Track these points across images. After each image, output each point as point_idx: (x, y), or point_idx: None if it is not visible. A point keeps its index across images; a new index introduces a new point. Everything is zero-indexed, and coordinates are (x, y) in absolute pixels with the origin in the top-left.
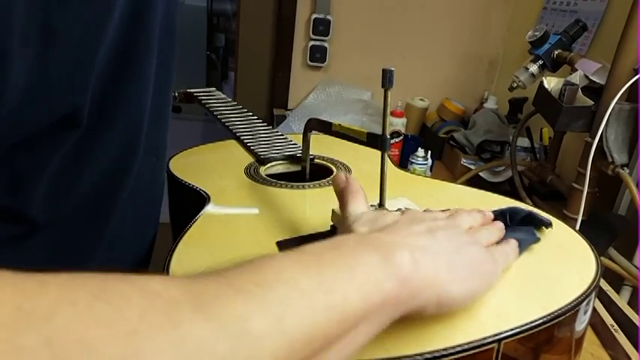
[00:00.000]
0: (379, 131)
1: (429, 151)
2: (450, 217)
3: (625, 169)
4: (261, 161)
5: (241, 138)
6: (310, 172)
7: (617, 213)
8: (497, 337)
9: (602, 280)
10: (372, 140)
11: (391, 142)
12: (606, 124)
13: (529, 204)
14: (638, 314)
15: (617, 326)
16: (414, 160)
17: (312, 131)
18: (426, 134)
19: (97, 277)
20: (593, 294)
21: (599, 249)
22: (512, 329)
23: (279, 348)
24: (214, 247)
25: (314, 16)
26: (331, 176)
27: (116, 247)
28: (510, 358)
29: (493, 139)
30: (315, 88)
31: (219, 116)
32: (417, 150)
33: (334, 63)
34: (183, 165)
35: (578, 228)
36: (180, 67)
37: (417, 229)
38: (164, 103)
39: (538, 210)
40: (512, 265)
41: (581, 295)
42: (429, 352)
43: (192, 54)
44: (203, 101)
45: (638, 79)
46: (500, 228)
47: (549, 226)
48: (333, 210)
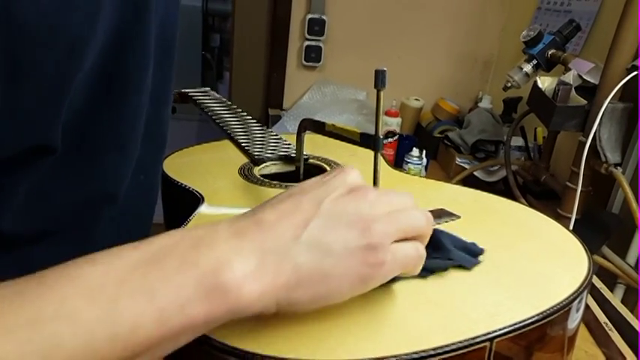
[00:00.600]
0: (374, 131)
1: (423, 151)
2: (374, 197)
3: (618, 168)
4: (256, 161)
5: (236, 138)
6: (304, 172)
7: (610, 211)
8: (489, 336)
9: (595, 279)
10: (365, 140)
11: (386, 141)
12: (599, 123)
13: (523, 203)
14: (638, 318)
15: (610, 324)
16: (408, 160)
17: (306, 131)
18: (421, 134)
19: None
20: (585, 292)
21: (592, 247)
22: (504, 328)
23: None
24: None
25: (309, 16)
26: None
27: None
28: (503, 356)
29: (487, 138)
30: (311, 88)
31: (213, 116)
32: (411, 149)
33: (329, 63)
34: (177, 165)
35: (572, 226)
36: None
37: (315, 224)
38: (158, 125)
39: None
40: (504, 264)
41: (573, 294)
42: (420, 352)
43: (187, 54)
44: (198, 101)
45: (631, 78)
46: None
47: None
48: None
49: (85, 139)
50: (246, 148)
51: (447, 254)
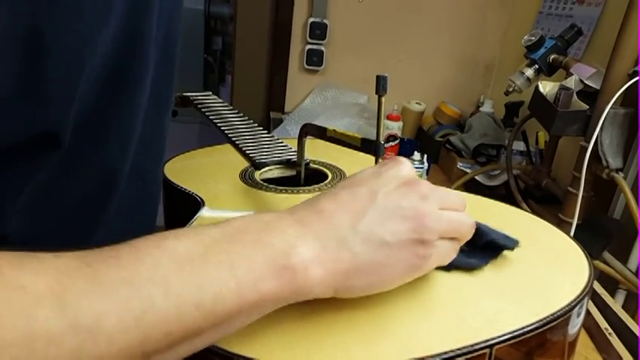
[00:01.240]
0: (375, 135)
1: (425, 155)
2: (435, 196)
3: (620, 173)
4: (257, 166)
5: (237, 142)
6: (305, 176)
7: (612, 217)
8: (489, 342)
9: (596, 284)
10: (367, 146)
11: (387, 145)
12: (601, 128)
13: (524, 207)
14: (638, 324)
15: (611, 330)
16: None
17: (307, 136)
18: (423, 138)
19: None
20: (586, 298)
21: (594, 252)
22: (503, 335)
23: (129, 344)
24: None
25: (311, 20)
26: (326, 181)
27: None
28: None
29: (489, 142)
30: (312, 91)
31: (215, 120)
32: (413, 153)
33: (331, 66)
34: (178, 169)
35: (573, 231)
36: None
37: (371, 215)
38: (157, 130)
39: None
40: (504, 271)
41: (574, 301)
42: (419, 359)
43: (189, 57)
44: (199, 105)
45: (633, 83)
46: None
47: (514, 248)
48: None
49: (88, 136)
50: (247, 152)
51: (487, 239)
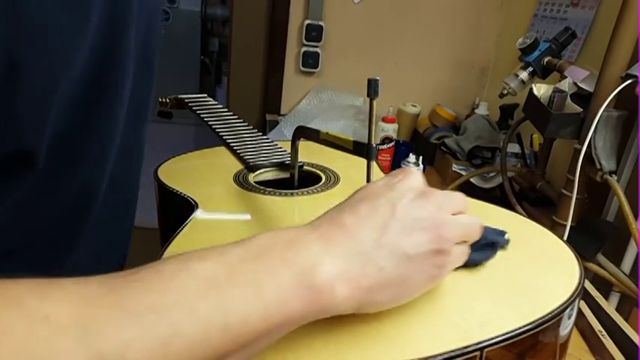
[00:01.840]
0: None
1: (420, 157)
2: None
3: (613, 175)
4: (251, 168)
5: (231, 145)
6: (299, 179)
7: (605, 219)
8: (480, 345)
9: (590, 286)
10: (359, 149)
11: (383, 147)
12: (595, 131)
13: (519, 209)
14: (638, 329)
15: (604, 332)
16: (405, 166)
17: (301, 139)
18: (418, 140)
19: None
20: (577, 300)
21: (587, 255)
22: (494, 337)
23: None
24: None
25: (307, 22)
26: (319, 184)
27: None
28: None
29: (484, 145)
30: (308, 93)
31: (209, 122)
32: (408, 155)
33: (327, 69)
34: (172, 172)
35: (567, 234)
36: (174, 71)
37: (393, 228)
38: (136, 140)
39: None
40: (496, 273)
41: (565, 303)
42: None
43: (186, 58)
44: (194, 108)
45: (626, 86)
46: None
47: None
48: None
49: (65, 154)
50: (242, 154)
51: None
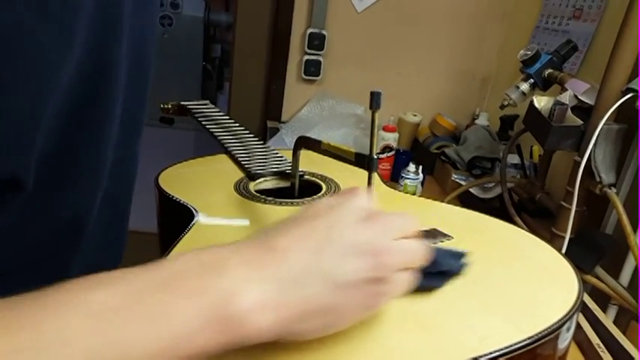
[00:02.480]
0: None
1: (420, 166)
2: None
3: (612, 188)
4: (252, 176)
5: (232, 152)
6: (300, 188)
7: (604, 232)
8: (479, 359)
9: (588, 299)
10: (360, 160)
11: (383, 156)
12: (595, 143)
13: (518, 221)
14: (636, 347)
15: (602, 345)
16: (405, 175)
17: (302, 149)
18: (418, 149)
19: None
20: (575, 314)
21: (586, 267)
22: (493, 352)
23: None
24: None
25: (309, 31)
26: (320, 193)
27: None
28: None
29: (484, 155)
30: (309, 101)
31: (211, 129)
32: (408, 165)
33: (328, 77)
34: (172, 179)
35: (565, 246)
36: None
37: (328, 253)
38: (128, 156)
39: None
40: (495, 287)
41: (563, 318)
42: None
43: (188, 64)
44: (196, 114)
45: (627, 99)
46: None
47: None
48: None
49: (54, 173)
50: (243, 162)
51: (439, 267)
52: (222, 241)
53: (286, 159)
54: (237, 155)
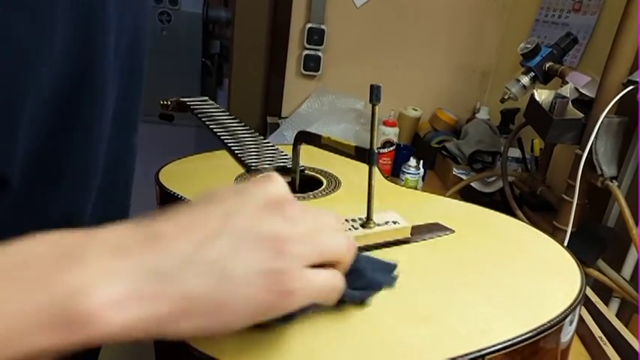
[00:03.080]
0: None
1: (421, 161)
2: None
3: (614, 181)
4: (252, 172)
5: (232, 148)
6: (300, 183)
7: (606, 225)
8: (481, 352)
9: (590, 292)
10: (360, 154)
11: (383, 151)
12: (596, 136)
13: (519, 215)
14: (638, 335)
15: (605, 338)
16: (406, 170)
17: (302, 143)
18: (419, 144)
19: None
20: (578, 307)
21: (588, 260)
22: (495, 345)
23: None
24: None
25: (308, 26)
26: (321, 188)
27: None
28: None
29: (485, 149)
30: (309, 96)
31: (210, 126)
32: (409, 159)
33: (328, 72)
34: (173, 175)
35: (567, 239)
36: (175, 73)
37: (220, 242)
38: (125, 150)
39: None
40: (497, 280)
41: (566, 310)
42: None
43: (187, 60)
44: (196, 110)
45: (628, 92)
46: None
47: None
48: None
49: (42, 171)
50: (243, 158)
51: (366, 282)
52: None
53: (286, 154)
54: (236, 151)
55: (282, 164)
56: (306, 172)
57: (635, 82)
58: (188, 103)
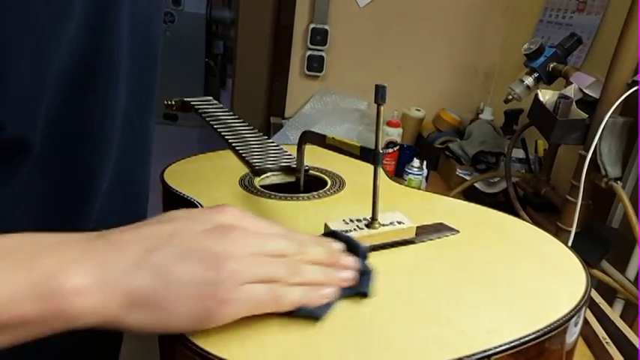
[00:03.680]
0: (374, 144)
1: (424, 161)
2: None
3: (618, 182)
4: (256, 172)
5: (237, 148)
6: (305, 183)
7: (610, 225)
8: (486, 353)
9: (594, 293)
10: (365, 155)
11: (387, 151)
12: (600, 137)
13: (523, 215)
14: (638, 334)
15: (609, 339)
16: (409, 170)
17: (307, 143)
18: (422, 144)
19: None
20: (583, 308)
21: (592, 261)
22: (501, 345)
23: None
24: None
25: (312, 26)
26: (325, 188)
27: None
28: None
29: (488, 150)
30: (312, 97)
31: (215, 125)
32: (412, 160)
33: (331, 72)
34: (177, 174)
35: (571, 240)
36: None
37: (164, 252)
38: (141, 134)
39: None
40: (502, 281)
41: (571, 311)
42: None
43: (190, 60)
44: (199, 110)
45: (632, 92)
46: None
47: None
48: (325, 223)
49: (60, 138)
50: (247, 158)
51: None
52: None
53: (290, 154)
54: (241, 151)
55: (286, 164)
56: (311, 172)
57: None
58: (192, 102)
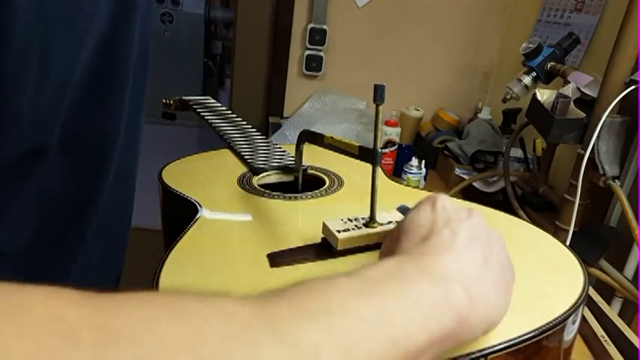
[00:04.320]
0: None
1: (423, 161)
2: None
3: (616, 181)
4: (255, 171)
5: (235, 147)
6: (303, 182)
7: (608, 224)
8: (483, 352)
9: (593, 292)
10: (364, 154)
11: (385, 151)
12: (598, 136)
13: (521, 214)
14: (638, 333)
15: (607, 338)
16: (408, 170)
17: (305, 143)
18: (421, 144)
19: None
20: (581, 306)
21: (590, 260)
22: (498, 344)
23: None
24: (205, 260)
25: (310, 26)
26: (323, 187)
27: (83, 283)
28: None
29: (487, 149)
30: (311, 96)
31: (213, 125)
32: (411, 159)
33: (330, 72)
34: (175, 174)
35: (570, 239)
36: (177, 74)
37: (473, 253)
38: (135, 131)
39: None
40: None
41: (569, 310)
42: None
43: (189, 60)
44: (198, 109)
45: (629, 91)
46: None
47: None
48: (323, 223)
49: (71, 140)
50: (246, 157)
51: None
52: (227, 236)
53: (289, 153)
54: (239, 150)
55: (284, 163)
56: (309, 171)
57: (637, 81)
58: (190, 102)
